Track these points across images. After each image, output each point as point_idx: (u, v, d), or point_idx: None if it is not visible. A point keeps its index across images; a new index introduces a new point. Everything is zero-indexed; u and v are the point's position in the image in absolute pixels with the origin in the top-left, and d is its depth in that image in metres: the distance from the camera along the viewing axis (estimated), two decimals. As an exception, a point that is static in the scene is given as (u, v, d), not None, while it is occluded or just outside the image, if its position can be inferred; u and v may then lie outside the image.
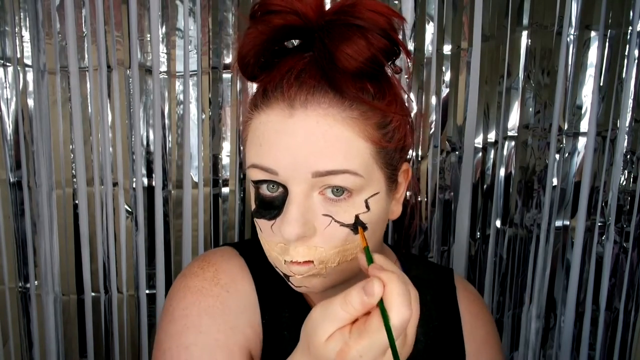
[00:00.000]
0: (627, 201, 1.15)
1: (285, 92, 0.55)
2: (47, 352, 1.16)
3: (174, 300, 0.65)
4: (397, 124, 0.58)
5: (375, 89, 0.57)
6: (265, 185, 0.58)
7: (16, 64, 1.05)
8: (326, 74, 0.55)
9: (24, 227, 1.11)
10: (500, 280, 1.17)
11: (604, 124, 1.12)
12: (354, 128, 0.55)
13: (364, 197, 0.57)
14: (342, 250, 0.57)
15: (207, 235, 1.13)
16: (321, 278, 0.59)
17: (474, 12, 1.06)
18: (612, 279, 1.18)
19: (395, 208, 0.64)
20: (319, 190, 0.56)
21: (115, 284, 1.14)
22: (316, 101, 0.55)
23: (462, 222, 1.15)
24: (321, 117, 0.54)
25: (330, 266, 0.58)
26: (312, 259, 0.57)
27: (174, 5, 1.04)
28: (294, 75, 0.56)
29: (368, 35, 0.53)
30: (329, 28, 0.54)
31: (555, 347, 1.22)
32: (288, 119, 0.55)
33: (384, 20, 0.54)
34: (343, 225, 0.57)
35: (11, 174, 1.09)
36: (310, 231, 0.56)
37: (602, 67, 1.09)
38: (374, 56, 0.54)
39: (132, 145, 1.09)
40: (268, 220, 0.58)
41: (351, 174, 0.55)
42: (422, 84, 1.08)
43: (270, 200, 0.58)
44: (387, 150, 0.58)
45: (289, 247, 0.57)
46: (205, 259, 0.69)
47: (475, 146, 1.11)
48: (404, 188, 0.64)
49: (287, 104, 0.55)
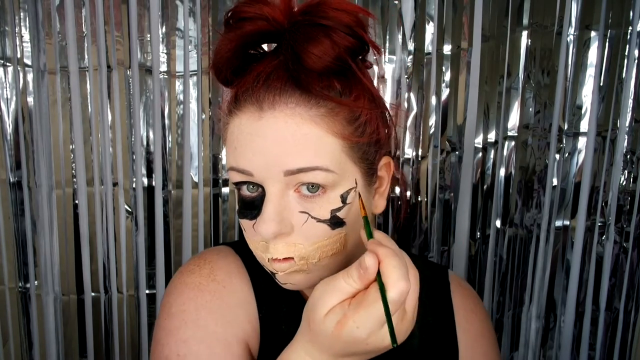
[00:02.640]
0: (627, 201, 1.15)
1: (254, 95, 0.57)
2: (47, 352, 1.16)
3: (171, 297, 0.66)
4: (367, 117, 0.59)
5: (342, 85, 0.58)
6: (245, 187, 0.59)
7: (16, 64, 1.05)
8: (292, 74, 0.56)
9: (24, 227, 1.11)
10: (500, 280, 1.17)
11: (604, 124, 1.12)
12: (322, 125, 0.56)
13: (339, 192, 0.58)
14: (321, 245, 0.58)
15: (207, 235, 1.13)
16: (304, 274, 0.60)
17: (474, 12, 1.06)
18: (612, 279, 1.18)
19: (379, 202, 0.65)
20: (294, 188, 0.57)
21: (115, 284, 1.14)
22: (283, 102, 0.56)
23: (462, 222, 1.15)
24: (289, 117, 0.56)
25: (311, 262, 0.59)
26: (292, 256, 0.58)
27: (174, 5, 1.04)
28: (262, 78, 0.57)
29: (332, 34, 0.55)
30: (295, 29, 0.56)
31: (555, 347, 1.21)
32: (258, 121, 0.56)
33: (349, 18, 0.56)
34: (320, 221, 0.58)
35: (11, 174, 1.09)
36: (288, 228, 0.57)
37: (602, 67, 1.09)
38: (340, 54, 0.56)
39: (132, 145, 1.09)
40: (250, 220, 0.59)
41: (322, 170, 0.56)
42: (422, 84, 1.08)
43: (250, 201, 0.59)
44: (359, 145, 0.59)
45: (269, 245, 0.58)
46: (202, 256, 0.70)
47: (475, 146, 1.11)
48: (387, 182, 0.65)
49: (256, 107, 0.57)
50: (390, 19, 1.06)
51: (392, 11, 1.05)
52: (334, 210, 0.58)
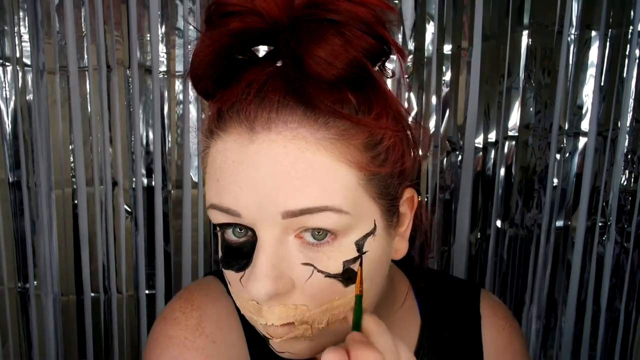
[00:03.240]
0: (628, 201, 1.14)
1: (243, 111, 0.44)
2: (46, 353, 1.16)
3: (154, 352, 0.57)
4: (391, 141, 0.47)
5: (359, 100, 0.45)
6: (231, 230, 0.47)
7: (15, 64, 1.05)
8: (293, 85, 0.43)
9: (23, 227, 1.11)
10: (501, 281, 1.17)
11: (605, 124, 1.11)
12: (332, 152, 0.43)
13: (353, 238, 0.45)
14: (331, 307, 0.46)
15: (207, 235, 1.12)
16: (307, 342, 0.47)
17: (474, 12, 1.06)
18: (612, 279, 1.18)
19: (399, 246, 0.52)
20: (295, 234, 0.44)
21: (114, 284, 1.14)
22: (282, 120, 0.43)
23: (462, 222, 1.15)
24: (289, 141, 0.43)
25: (317, 327, 0.46)
26: (291, 321, 0.46)
27: (174, 5, 1.04)
28: (254, 89, 0.44)
29: (345, 32, 0.42)
30: (296, 27, 0.43)
31: (555, 347, 1.21)
32: (248, 145, 0.43)
33: (367, 12, 0.43)
34: (329, 276, 0.45)
35: (10, 174, 1.08)
36: (287, 286, 0.45)
37: (603, 66, 1.09)
38: (355, 58, 0.43)
39: (132, 145, 1.08)
40: (236, 272, 0.47)
41: (333, 212, 0.43)
42: (422, 84, 1.07)
43: (237, 247, 0.47)
44: (380, 176, 0.46)
45: (261, 307, 0.45)
46: (189, 299, 0.59)
47: (475, 146, 1.11)
48: (409, 219, 0.53)
49: (246, 127, 0.44)
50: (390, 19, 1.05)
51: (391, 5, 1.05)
52: (347, 262, 0.45)
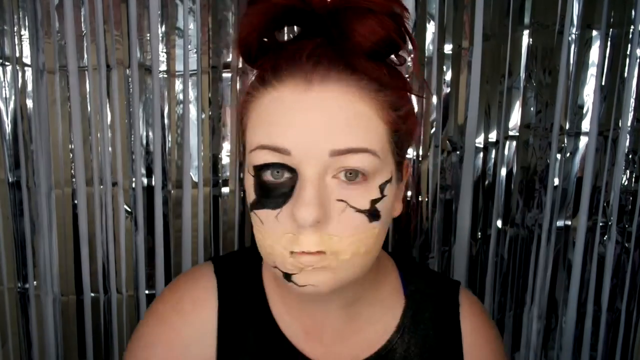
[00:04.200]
0: (629, 201, 1.14)
1: (301, 67, 0.53)
2: (46, 353, 1.16)
3: (142, 321, 0.69)
4: (408, 109, 0.57)
5: (389, 71, 0.56)
6: (270, 171, 0.54)
7: (15, 63, 1.04)
8: (341, 51, 0.53)
9: (23, 227, 1.11)
10: (502, 281, 1.17)
11: (606, 124, 1.11)
12: (372, 106, 0.53)
13: (378, 182, 0.54)
14: (356, 240, 0.53)
15: (207, 236, 1.12)
16: (330, 272, 0.54)
17: (475, 11, 1.05)
18: (614, 279, 1.17)
19: (397, 205, 0.61)
20: (333, 174, 0.53)
21: (114, 285, 1.14)
22: (335, 77, 0.52)
23: (463, 222, 1.15)
24: (340, 94, 0.52)
25: (341, 258, 0.53)
26: (324, 249, 0.53)
27: (174, 5, 1.03)
28: (307, 52, 0.53)
29: (378, 17, 0.52)
30: (338, 11, 0.53)
31: (556, 348, 1.21)
32: (304, 94, 0.52)
33: (391, 7, 0.54)
34: (359, 211, 0.53)
35: (10, 174, 1.08)
36: (326, 216, 0.52)
37: (604, 66, 1.09)
38: (389, 36, 0.53)
39: (132, 145, 1.08)
40: (272, 209, 0.54)
41: (370, 154, 0.52)
42: (422, 84, 1.07)
43: (274, 187, 0.53)
44: (399, 134, 0.56)
45: (299, 236, 0.52)
46: (179, 281, 0.70)
47: (476, 146, 1.11)
48: (403, 184, 0.61)
49: (303, 79, 0.52)
50: (390, 18, 1.05)
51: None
52: (374, 200, 0.54)
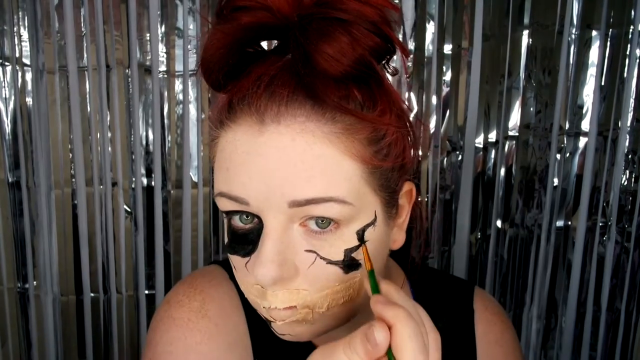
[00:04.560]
0: (629, 201, 1.14)
1: (254, 104, 0.47)
2: (45, 353, 1.16)
3: (157, 333, 0.58)
4: (393, 137, 0.49)
5: (365, 96, 0.48)
6: (238, 217, 0.49)
7: (15, 64, 1.04)
8: (302, 80, 0.46)
9: (23, 227, 1.11)
10: (501, 281, 1.17)
11: (605, 124, 1.11)
12: (337, 145, 0.46)
13: (355, 228, 0.48)
14: (331, 292, 0.48)
15: (206, 235, 1.12)
16: (307, 325, 0.50)
17: (474, 12, 1.05)
18: (613, 279, 1.17)
19: (397, 236, 0.55)
20: (299, 222, 0.47)
21: (114, 285, 1.14)
22: (290, 114, 0.46)
23: (462, 222, 1.15)
24: (297, 134, 0.45)
25: (318, 311, 0.49)
26: (295, 304, 0.48)
27: (173, 5, 1.03)
28: (264, 83, 0.47)
29: (353, 30, 0.45)
30: (306, 24, 0.45)
31: (556, 347, 1.21)
32: (258, 137, 0.46)
33: (373, 12, 0.45)
34: (330, 262, 0.47)
35: (10, 174, 1.08)
36: (291, 271, 0.47)
37: (604, 66, 1.09)
38: (361, 56, 0.45)
39: (132, 145, 1.08)
40: (242, 257, 0.49)
41: (336, 202, 0.46)
42: (422, 84, 1.07)
43: (243, 234, 0.49)
44: (382, 170, 0.49)
45: (266, 292, 0.48)
46: (192, 284, 0.61)
47: (476, 146, 1.11)
48: (407, 212, 0.56)
49: (256, 119, 0.46)
50: (390, 18, 1.05)
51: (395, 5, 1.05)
52: (349, 250, 0.48)
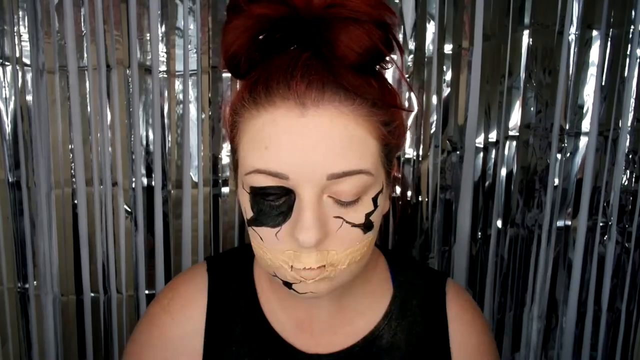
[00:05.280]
0: (629, 201, 1.14)
1: (294, 89, 0.52)
2: (46, 353, 1.16)
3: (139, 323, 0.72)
4: (399, 122, 0.58)
5: (380, 85, 0.56)
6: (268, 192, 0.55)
7: (15, 63, 1.04)
8: (331, 70, 0.53)
9: (23, 227, 1.11)
10: (502, 281, 1.17)
11: (606, 124, 1.11)
12: (364, 126, 0.54)
13: (371, 195, 0.56)
14: (353, 251, 0.56)
15: (207, 235, 1.12)
16: (329, 281, 0.57)
17: (475, 11, 1.05)
18: (614, 279, 1.17)
19: (385, 204, 0.62)
20: (329, 193, 0.54)
21: (114, 285, 1.14)
22: (327, 99, 0.52)
23: (463, 222, 1.15)
24: (335, 116, 0.52)
25: (339, 268, 0.57)
26: (324, 263, 0.55)
27: (174, 4, 1.03)
28: (299, 71, 0.53)
29: (365, 26, 0.52)
30: (324, 21, 0.52)
31: (556, 347, 1.21)
32: (299, 118, 0.52)
33: (377, 13, 0.53)
34: (354, 225, 0.56)
35: (10, 174, 1.08)
36: (325, 235, 0.55)
37: (604, 66, 1.09)
38: (375, 46, 0.52)
39: (132, 145, 1.08)
40: (272, 227, 0.55)
41: (365, 174, 0.54)
42: (422, 84, 1.07)
43: (273, 207, 0.55)
44: (389, 147, 0.57)
45: (300, 254, 0.55)
46: (173, 282, 0.73)
47: (476, 146, 1.11)
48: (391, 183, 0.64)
49: (296, 102, 0.52)
50: (390, 18, 1.05)
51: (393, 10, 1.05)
52: (368, 214, 0.56)
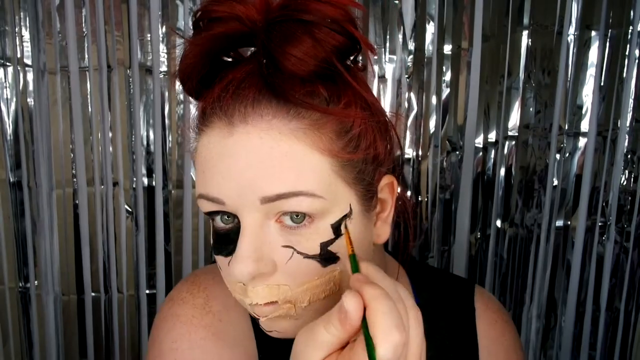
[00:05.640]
0: (628, 201, 1.14)
1: (223, 107, 0.48)
2: (47, 353, 1.16)
3: (161, 331, 0.59)
4: (361, 128, 0.50)
5: (330, 91, 0.49)
6: (219, 217, 0.51)
7: (16, 64, 1.05)
8: (267, 81, 0.48)
9: (24, 227, 1.11)
10: (501, 280, 1.17)
11: (605, 124, 1.11)
12: (305, 141, 0.47)
13: (329, 221, 0.49)
14: (311, 287, 0.49)
15: (207, 235, 1.12)
16: (292, 320, 0.51)
17: (474, 12, 1.06)
18: (612, 279, 1.18)
19: (382, 230, 0.55)
20: (274, 218, 0.48)
21: (115, 284, 1.14)
22: (257, 114, 0.47)
23: (462, 222, 1.15)
24: (264, 132, 0.47)
25: (300, 306, 0.50)
26: (275, 300, 0.49)
27: (174, 5, 1.04)
28: (232, 87, 0.49)
29: (315, 31, 0.46)
30: (271, 28, 0.47)
31: (555, 347, 1.21)
32: (228, 138, 0.48)
33: (336, 12, 0.47)
34: (307, 256, 0.49)
35: (11, 173, 1.08)
36: (269, 267, 0.49)
37: (603, 66, 1.09)
38: (325, 56, 0.47)
39: (133, 145, 1.09)
40: (225, 257, 0.51)
41: (306, 196, 0.47)
42: (422, 84, 1.08)
43: (225, 234, 0.51)
44: (353, 162, 0.50)
45: (247, 288, 0.49)
46: (195, 282, 0.62)
47: (475, 146, 1.11)
48: (391, 205, 0.56)
49: (225, 122, 0.48)
50: (390, 19, 1.06)
51: (393, 11, 1.05)
52: (325, 243, 0.49)
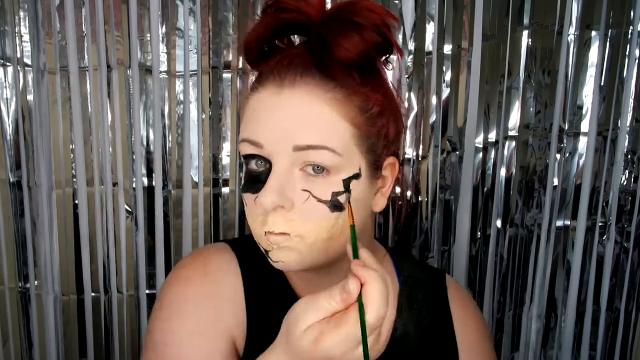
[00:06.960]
0: (628, 201, 1.14)
1: (277, 72, 0.61)
2: (47, 352, 1.16)
3: (163, 290, 0.71)
4: (379, 110, 0.62)
5: (361, 77, 0.61)
6: (254, 161, 0.61)
7: (16, 64, 1.05)
8: (317, 60, 0.60)
9: (24, 227, 1.11)
10: (501, 280, 1.17)
11: (605, 124, 1.11)
12: (336, 109, 0.59)
13: (342, 176, 0.60)
14: (319, 226, 0.60)
15: (207, 235, 1.12)
16: (297, 253, 0.61)
17: (474, 12, 1.06)
18: (612, 279, 1.18)
19: (379, 201, 0.66)
20: (300, 167, 0.59)
21: (115, 284, 1.14)
22: (303, 81, 0.59)
23: (462, 222, 1.15)
24: (305, 95, 0.59)
25: (306, 242, 0.60)
26: (288, 231, 0.60)
27: (174, 5, 1.04)
28: (287, 59, 0.61)
29: (363, 31, 0.58)
30: (327, 23, 0.60)
31: (555, 347, 1.21)
32: (276, 95, 0.60)
33: (378, 19, 0.59)
34: (320, 200, 0.59)
35: (11, 173, 1.08)
36: (288, 203, 0.59)
37: (603, 66, 1.09)
38: (367, 50, 0.59)
39: (132, 145, 1.09)
40: (252, 193, 0.61)
41: (329, 151, 0.58)
42: (422, 84, 1.08)
43: (256, 175, 0.61)
44: (368, 135, 0.61)
45: (267, 218, 0.60)
46: (197, 252, 0.74)
47: (475, 146, 1.11)
48: (390, 183, 0.66)
49: (277, 83, 0.60)
50: (390, 19, 1.06)
51: (393, 11, 1.05)
52: (335, 193, 0.60)
